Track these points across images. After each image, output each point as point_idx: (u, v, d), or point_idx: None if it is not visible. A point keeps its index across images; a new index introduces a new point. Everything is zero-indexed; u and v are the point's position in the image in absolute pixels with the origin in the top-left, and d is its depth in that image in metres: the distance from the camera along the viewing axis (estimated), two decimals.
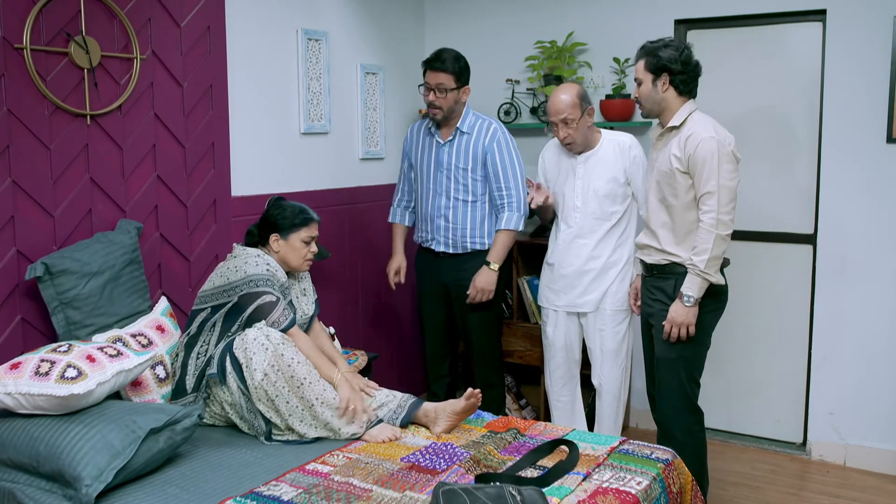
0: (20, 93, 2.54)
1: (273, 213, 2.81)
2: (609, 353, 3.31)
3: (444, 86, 3.30)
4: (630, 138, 3.28)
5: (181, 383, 2.65)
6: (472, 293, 3.39)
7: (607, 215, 3.24)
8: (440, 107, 3.33)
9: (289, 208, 2.82)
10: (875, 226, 3.54)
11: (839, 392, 3.67)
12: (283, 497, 2.10)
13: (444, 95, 3.31)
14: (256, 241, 2.84)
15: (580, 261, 3.28)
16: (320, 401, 2.52)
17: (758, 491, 3.45)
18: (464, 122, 3.41)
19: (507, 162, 3.38)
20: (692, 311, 2.82)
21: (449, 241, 3.46)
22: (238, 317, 2.63)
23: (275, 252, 2.80)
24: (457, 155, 3.40)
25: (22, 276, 2.56)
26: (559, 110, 3.16)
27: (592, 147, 3.27)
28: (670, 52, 2.83)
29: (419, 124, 3.57)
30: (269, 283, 2.65)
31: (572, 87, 3.22)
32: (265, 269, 2.67)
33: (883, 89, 3.45)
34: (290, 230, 2.79)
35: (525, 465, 2.33)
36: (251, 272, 2.65)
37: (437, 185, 3.44)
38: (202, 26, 3.09)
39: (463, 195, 3.41)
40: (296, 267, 2.84)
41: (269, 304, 2.62)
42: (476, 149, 3.39)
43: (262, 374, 2.49)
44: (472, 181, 3.40)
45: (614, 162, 3.23)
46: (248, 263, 2.67)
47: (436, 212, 3.45)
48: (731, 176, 2.78)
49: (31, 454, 2.16)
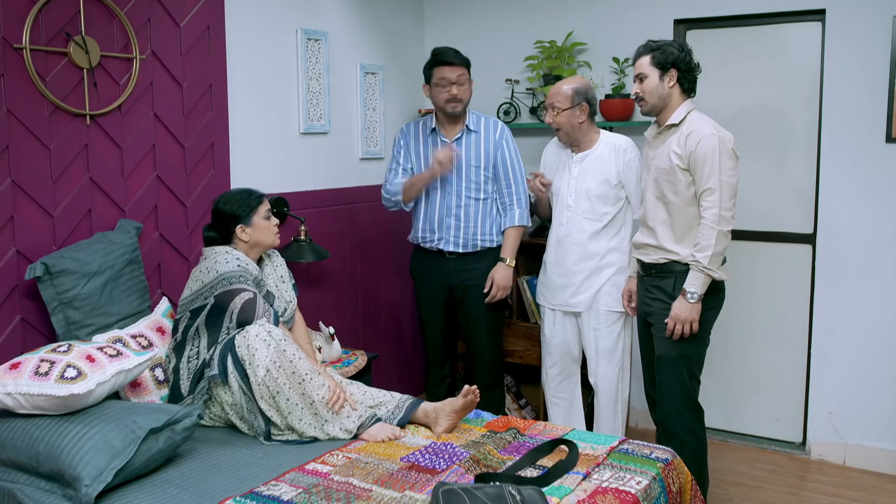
0: (20, 93, 2.54)
1: (226, 207, 2.79)
2: (604, 353, 3.31)
3: (465, 76, 3.35)
4: (627, 141, 3.28)
5: (176, 388, 2.65)
6: (493, 291, 3.40)
7: (598, 216, 3.25)
8: (462, 99, 3.35)
9: (237, 196, 2.81)
10: (875, 225, 3.54)
11: (839, 391, 3.67)
12: (283, 497, 2.10)
13: (466, 87, 3.36)
14: (220, 242, 2.81)
15: (571, 260, 3.29)
16: (320, 397, 2.53)
17: (757, 490, 3.45)
18: (470, 120, 3.43)
19: (515, 159, 3.43)
20: (696, 308, 2.83)
21: (459, 241, 3.45)
22: (220, 317, 2.63)
23: (244, 242, 2.79)
24: (466, 153, 3.40)
25: (22, 276, 2.56)
26: (551, 95, 3.25)
27: (590, 147, 3.28)
28: (675, 50, 2.86)
29: (415, 124, 3.55)
30: (243, 278, 2.66)
31: (576, 79, 3.26)
32: (236, 264, 2.68)
33: (882, 89, 3.45)
34: (250, 214, 2.79)
35: (525, 464, 2.33)
36: (223, 270, 2.65)
37: (447, 185, 3.42)
38: (202, 26, 3.09)
39: (475, 193, 3.41)
40: (271, 243, 2.85)
41: (250, 301, 2.62)
42: (487, 146, 3.41)
43: (265, 371, 2.50)
44: (484, 179, 3.41)
45: (608, 164, 3.23)
46: (217, 262, 2.67)
47: (446, 211, 3.43)
48: (731, 172, 2.79)
49: (30, 454, 2.17)
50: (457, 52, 3.37)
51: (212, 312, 2.64)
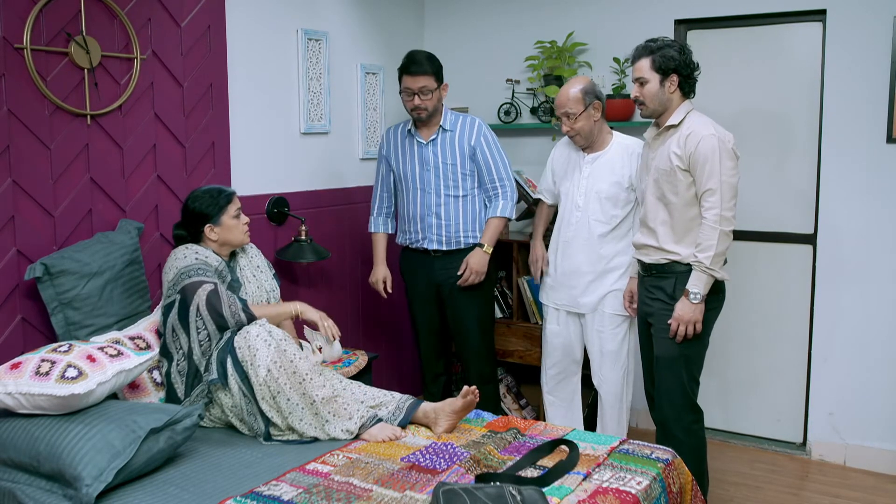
0: (20, 93, 2.54)
1: (195, 205, 2.77)
2: (609, 355, 3.30)
3: (427, 87, 3.31)
4: (639, 144, 3.22)
5: (172, 392, 2.66)
6: (465, 274, 3.40)
7: (608, 217, 3.23)
8: (425, 108, 3.34)
9: (206, 194, 2.79)
10: (875, 226, 3.54)
11: (839, 392, 3.67)
12: (284, 497, 2.10)
13: (429, 96, 3.33)
14: (190, 241, 2.80)
15: (578, 261, 3.28)
16: (321, 397, 2.53)
17: (758, 491, 3.45)
18: (445, 120, 3.43)
19: (497, 154, 3.44)
20: (699, 309, 2.82)
21: (442, 238, 3.46)
22: (187, 311, 2.61)
23: (213, 241, 2.78)
24: (442, 152, 3.42)
25: (22, 276, 2.56)
26: (561, 104, 3.19)
27: (602, 148, 3.26)
28: (676, 53, 2.83)
29: (395, 128, 3.55)
30: (201, 270, 2.65)
31: (578, 80, 3.22)
32: (194, 258, 2.67)
33: (883, 89, 3.45)
34: (219, 213, 2.76)
35: (525, 464, 2.33)
36: (181, 265, 2.65)
37: (426, 184, 3.43)
38: (202, 26, 3.09)
39: (454, 191, 3.42)
40: (240, 242, 2.83)
41: (212, 292, 2.61)
42: (462, 144, 3.42)
43: (266, 370, 2.50)
44: (462, 176, 3.42)
45: (621, 166, 3.21)
46: (177, 259, 2.68)
47: (426, 210, 3.45)
48: (732, 172, 2.78)
49: (31, 454, 2.17)
50: (425, 59, 3.31)
51: (181, 308, 2.64)
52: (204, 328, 2.62)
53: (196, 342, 2.61)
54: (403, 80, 3.34)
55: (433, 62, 3.34)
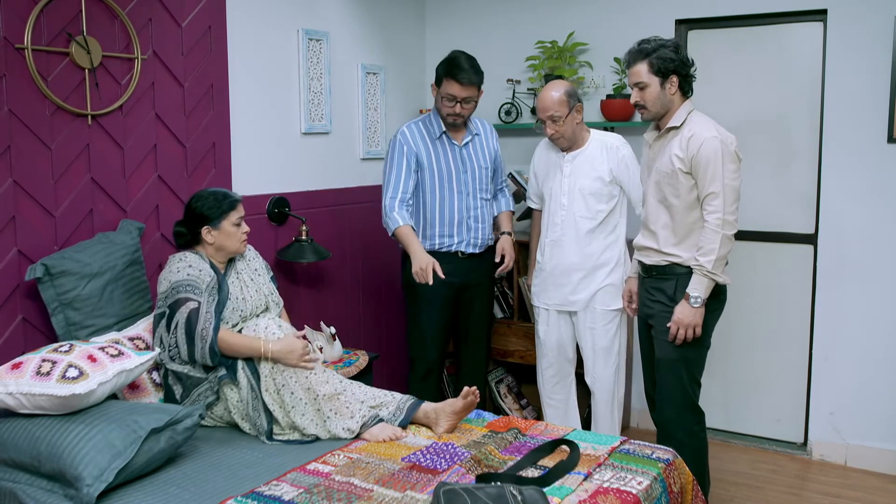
0: (21, 93, 2.54)
1: (197, 205, 2.75)
2: (601, 352, 3.31)
3: (472, 98, 3.30)
4: (618, 138, 3.30)
5: (170, 393, 2.66)
6: (507, 261, 3.44)
7: (593, 213, 3.26)
8: (464, 115, 3.34)
9: (211, 197, 2.76)
10: (876, 226, 3.53)
11: (840, 392, 3.67)
12: (284, 497, 2.10)
13: (471, 105, 3.33)
14: (189, 240, 2.78)
15: (568, 259, 3.30)
16: (324, 393, 2.55)
17: (759, 491, 3.45)
18: (472, 123, 3.48)
19: (501, 154, 3.61)
20: (699, 312, 2.81)
21: (477, 242, 3.47)
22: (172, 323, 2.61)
23: (209, 244, 2.75)
24: (476, 155, 3.46)
25: (23, 276, 2.56)
26: (546, 107, 3.20)
27: (581, 146, 3.30)
28: (672, 53, 2.80)
29: (416, 126, 3.42)
30: (191, 287, 2.62)
31: (560, 84, 3.25)
32: (187, 273, 2.65)
33: (884, 89, 3.45)
34: (220, 218, 2.73)
35: (526, 464, 2.33)
36: (174, 280, 2.64)
37: (463, 186, 3.41)
38: (203, 26, 3.09)
39: (484, 193, 3.48)
40: (235, 250, 2.79)
41: (194, 311, 2.59)
42: (489, 147, 3.51)
43: (273, 362, 2.56)
44: (489, 179, 3.50)
45: (601, 161, 3.25)
46: (171, 272, 2.66)
47: (464, 213, 3.41)
48: (734, 176, 2.77)
49: (32, 454, 2.17)
50: (472, 70, 3.25)
51: (168, 322, 2.64)
52: (175, 346, 2.61)
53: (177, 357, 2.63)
54: (449, 85, 3.25)
55: (479, 72, 3.30)
